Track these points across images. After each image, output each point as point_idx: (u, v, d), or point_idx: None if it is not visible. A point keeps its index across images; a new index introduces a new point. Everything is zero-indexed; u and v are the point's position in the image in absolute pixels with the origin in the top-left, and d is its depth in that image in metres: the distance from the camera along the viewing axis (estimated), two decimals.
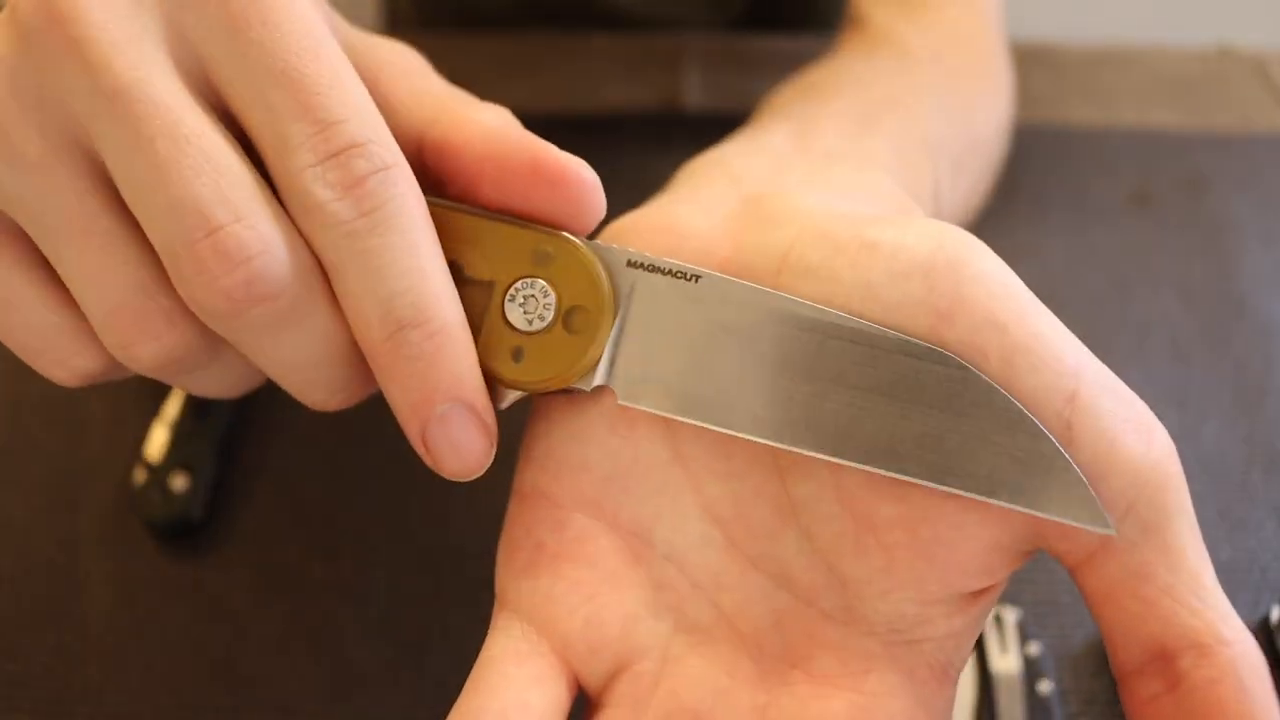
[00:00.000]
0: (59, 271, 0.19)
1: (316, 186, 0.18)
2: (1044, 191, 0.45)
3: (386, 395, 0.20)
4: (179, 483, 0.34)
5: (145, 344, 0.19)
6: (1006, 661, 0.31)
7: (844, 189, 0.24)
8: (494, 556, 0.22)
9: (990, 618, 0.32)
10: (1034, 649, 0.31)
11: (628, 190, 0.25)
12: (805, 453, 0.20)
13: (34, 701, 0.31)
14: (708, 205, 0.23)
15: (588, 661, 0.21)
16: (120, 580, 0.33)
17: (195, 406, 0.36)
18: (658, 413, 0.21)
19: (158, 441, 0.35)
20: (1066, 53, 0.52)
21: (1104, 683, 0.31)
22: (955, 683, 0.20)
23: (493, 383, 0.21)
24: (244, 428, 0.37)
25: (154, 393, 0.37)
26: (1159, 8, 1.11)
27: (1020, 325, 0.19)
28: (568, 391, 0.21)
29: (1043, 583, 0.33)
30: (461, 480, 0.21)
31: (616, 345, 0.21)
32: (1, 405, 0.37)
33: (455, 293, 0.20)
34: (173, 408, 0.36)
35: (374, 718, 0.31)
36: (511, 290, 0.21)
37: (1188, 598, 0.18)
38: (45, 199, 0.19)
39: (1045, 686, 0.30)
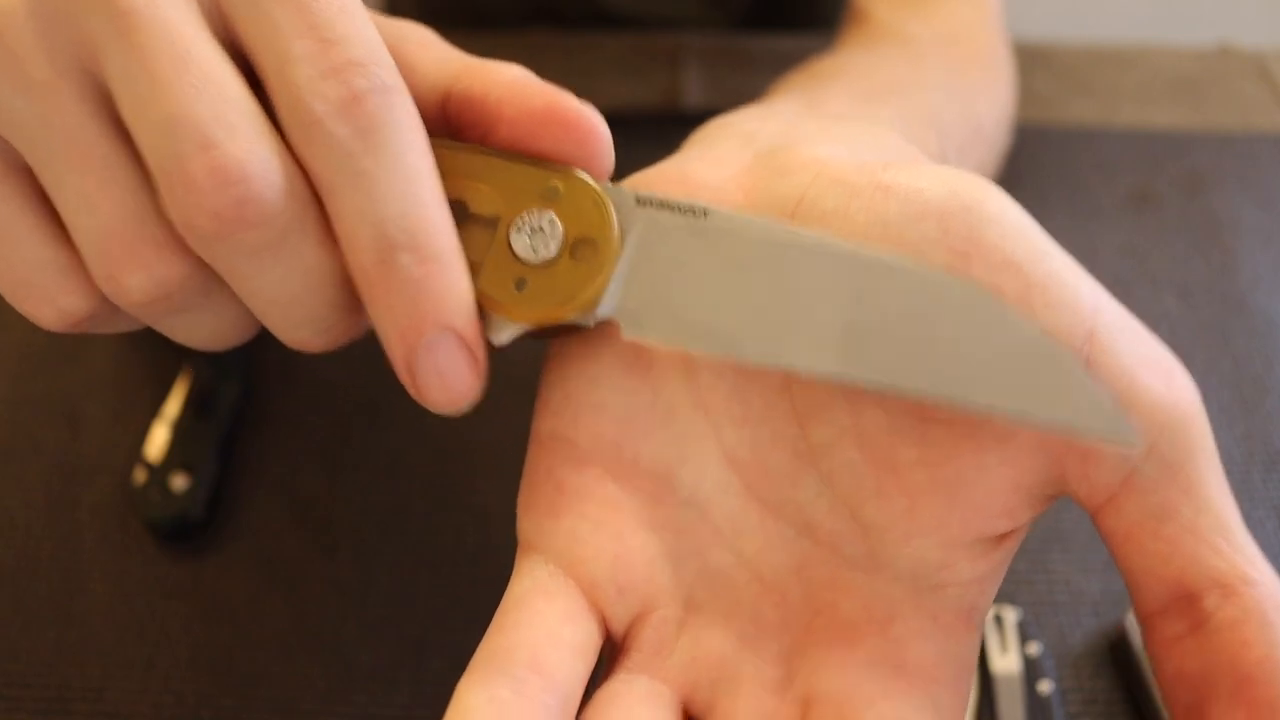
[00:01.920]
0: (53, 197, 0.19)
1: (315, 101, 0.18)
2: (1044, 191, 0.45)
3: (375, 322, 0.20)
4: (179, 483, 0.34)
5: (134, 273, 0.19)
6: (1006, 661, 0.31)
7: (855, 143, 0.24)
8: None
9: (990, 617, 0.32)
10: (1034, 649, 0.31)
11: None
12: (818, 376, 0.19)
13: (34, 701, 0.31)
14: (720, 160, 0.23)
15: (615, 604, 0.20)
16: (120, 579, 0.33)
17: (196, 406, 0.36)
18: (665, 344, 0.20)
19: (158, 441, 0.35)
20: (1066, 53, 0.52)
21: (1104, 683, 0.31)
22: (981, 629, 0.20)
23: (492, 315, 0.21)
24: (244, 428, 0.37)
25: (154, 393, 0.37)
26: (1159, 8, 1.12)
27: (1037, 265, 0.19)
28: (571, 328, 0.21)
29: (1042, 583, 0.33)
30: (448, 414, 0.20)
31: (624, 281, 0.21)
32: (1, 405, 0.37)
33: (452, 224, 0.20)
34: (173, 407, 0.36)
35: (374, 718, 0.31)
36: (518, 221, 0.21)
37: (1212, 537, 0.18)
38: (48, 122, 0.19)
39: (1045, 686, 0.30)
